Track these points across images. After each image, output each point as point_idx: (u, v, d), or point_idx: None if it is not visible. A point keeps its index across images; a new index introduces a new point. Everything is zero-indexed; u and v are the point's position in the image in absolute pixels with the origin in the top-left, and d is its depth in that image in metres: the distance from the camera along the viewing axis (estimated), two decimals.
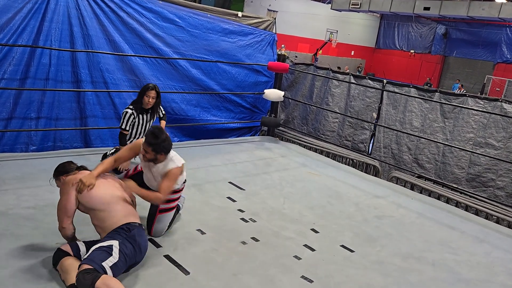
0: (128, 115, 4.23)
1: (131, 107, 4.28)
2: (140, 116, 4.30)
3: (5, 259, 2.77)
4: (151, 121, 4.42)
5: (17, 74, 4.74)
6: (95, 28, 5.22)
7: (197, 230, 3.52)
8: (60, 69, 5.04)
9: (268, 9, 23.12)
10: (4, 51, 4.62)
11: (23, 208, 3.48)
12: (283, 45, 21.32)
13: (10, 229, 3.12)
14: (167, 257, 3.07)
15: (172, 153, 3.15)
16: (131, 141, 4.34)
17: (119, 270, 2.56)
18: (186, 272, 2.92)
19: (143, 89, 4.23)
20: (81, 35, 5.12)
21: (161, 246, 3.18)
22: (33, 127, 4.97)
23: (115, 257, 2.52)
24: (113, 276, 2.48)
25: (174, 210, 3.37)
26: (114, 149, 4.28)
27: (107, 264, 2.47)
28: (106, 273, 2.44)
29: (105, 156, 4.12)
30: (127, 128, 4.26)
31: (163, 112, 4.63)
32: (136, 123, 4.30)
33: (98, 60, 5.29)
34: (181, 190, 3.37)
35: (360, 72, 27.75)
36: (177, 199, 3.35)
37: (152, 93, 4.22)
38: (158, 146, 2.98)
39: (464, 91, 19.87)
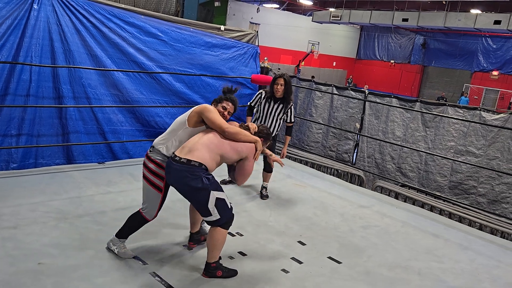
0: (258, 94, 4.83)
1: (266, 90, 4.84)
2: (270, 100, 4.74)
3: None
4: (278, 112, 4.77)
5: None
6: (76, 44, 5.18)
7: (183, 245, 3.48)
8: (41, 85, 4.98)
9: (250, 22, 23.33)
10: None
11: (3, 228, 3.39)
12: (266, 58, 21.48)
13: None
14: (153, 274, 3.02)
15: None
16: (260, 121, 4.82)
17: None
18: None
19: (273, 78, 4.68)
20: (62, 50, 5.07)
21: (147, 264, 3.13)
22: (13, 144, 4.87)
23: None
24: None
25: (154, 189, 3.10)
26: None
27: None
28: None
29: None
30: (253, 104, 4.86)
31: (293, 119, 4.93)
32: (263, 106, 4.78)
33: (80, 75, 5.25)
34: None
35: (350, 84, 28.09)
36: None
37: (281, 81, 4.60)
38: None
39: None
